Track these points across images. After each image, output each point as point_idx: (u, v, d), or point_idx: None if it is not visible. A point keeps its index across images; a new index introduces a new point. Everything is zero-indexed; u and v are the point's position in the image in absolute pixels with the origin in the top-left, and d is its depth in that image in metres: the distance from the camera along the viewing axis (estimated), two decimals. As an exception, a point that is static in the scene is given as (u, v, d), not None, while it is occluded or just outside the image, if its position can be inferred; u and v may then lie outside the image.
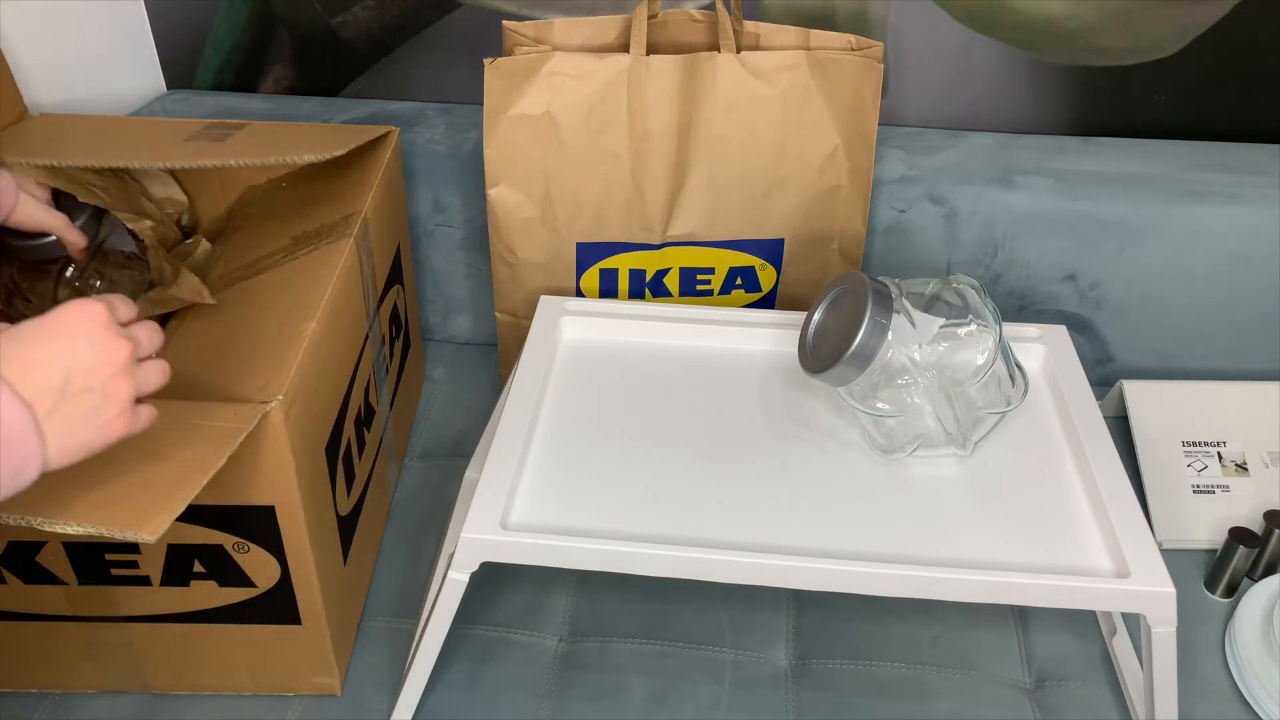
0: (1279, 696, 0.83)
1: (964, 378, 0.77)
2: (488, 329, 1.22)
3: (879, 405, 0.78)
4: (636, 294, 1.04)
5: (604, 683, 0.86)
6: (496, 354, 1.13)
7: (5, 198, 0.81)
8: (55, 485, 0.58)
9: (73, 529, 0.59)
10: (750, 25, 0.98)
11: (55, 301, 0.87)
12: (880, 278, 0.78)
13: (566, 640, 0.89)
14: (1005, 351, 0.78)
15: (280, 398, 0.70)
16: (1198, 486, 1.00)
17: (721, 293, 1.05)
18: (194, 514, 0.74)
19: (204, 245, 0.95)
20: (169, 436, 0.65)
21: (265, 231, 0.93)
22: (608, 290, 1.04)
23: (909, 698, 0.85)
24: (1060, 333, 0.92)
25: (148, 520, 0.59)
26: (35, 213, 0.84)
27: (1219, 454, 1.02)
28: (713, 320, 0.93)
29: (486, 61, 0.93)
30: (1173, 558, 0.85)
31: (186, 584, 0.78)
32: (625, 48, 0.95)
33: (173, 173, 0.99)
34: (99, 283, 0.91)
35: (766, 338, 0.92)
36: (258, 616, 0.80)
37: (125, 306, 0.59)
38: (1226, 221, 1.07)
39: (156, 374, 0.60)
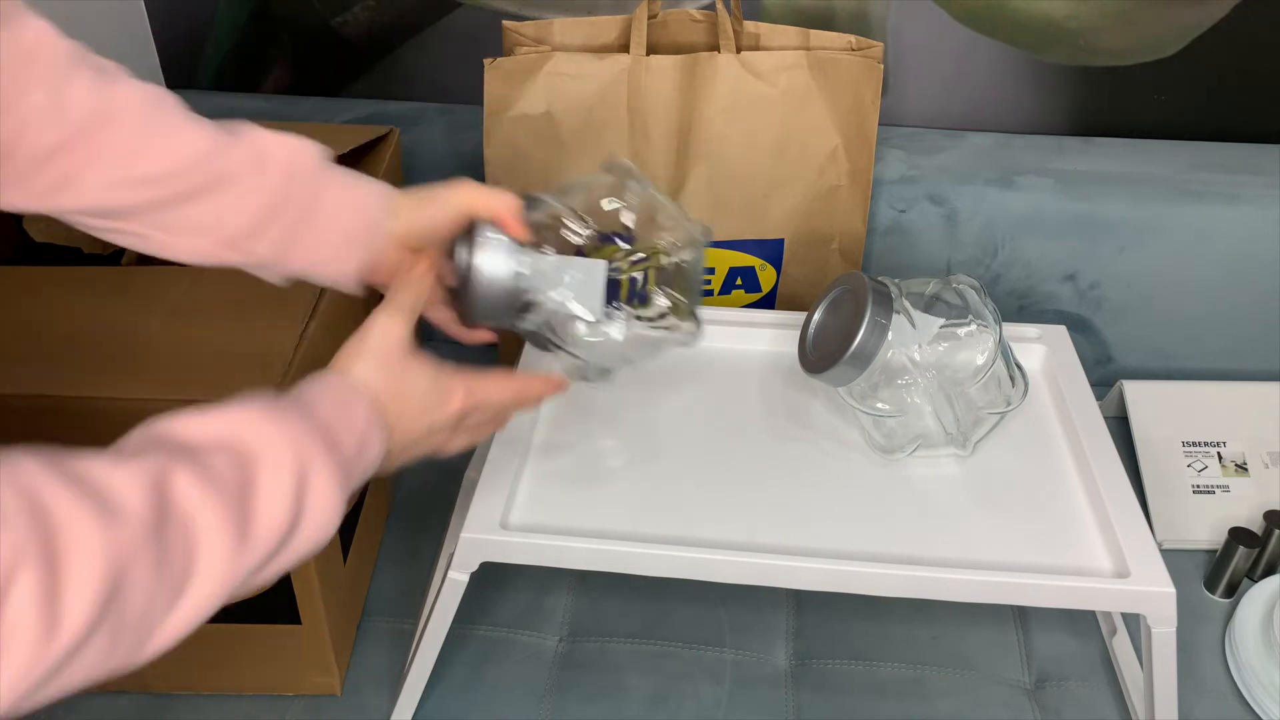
0: (1279, 696, 0.83)
1: (964, 378, 0.77)
2: (488, 329, 1.22)
3: (879, 405, 0.78)
4: (636, 294, 1.04)
5: (604, 683, 0.86)
6: (496, 354, 1.13)
7: None
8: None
9: None
10: (750, 25, 0.98)
11: None
12: (880, 278, 0.78)
13: (566, 640, 0.89)
14: (1005, 351, 0.78)
15: (280, 398, 0.70)
16: (1198, 486, 1.00)
17: (721, 293, 1.05)
18: (194, 514, 0.74)
19: None
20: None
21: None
22: (608, 290, 1.04)
23: (909, 698, 0.85)
24: (1060, 333, 0.92)
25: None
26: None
27: (1219, 454, 1.02)
28: (713, 320, 0.92)
29: (486, 61, 0.93)
30: (1173, 558, 0.84)
31: (186, 584, 0.78)
32: (625, 48, 0.95)
33: None
34: None
35: (766, 338, 0.92)
36: (257, 616, 0.80)
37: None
38: (1226, 221, 1.07)
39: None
